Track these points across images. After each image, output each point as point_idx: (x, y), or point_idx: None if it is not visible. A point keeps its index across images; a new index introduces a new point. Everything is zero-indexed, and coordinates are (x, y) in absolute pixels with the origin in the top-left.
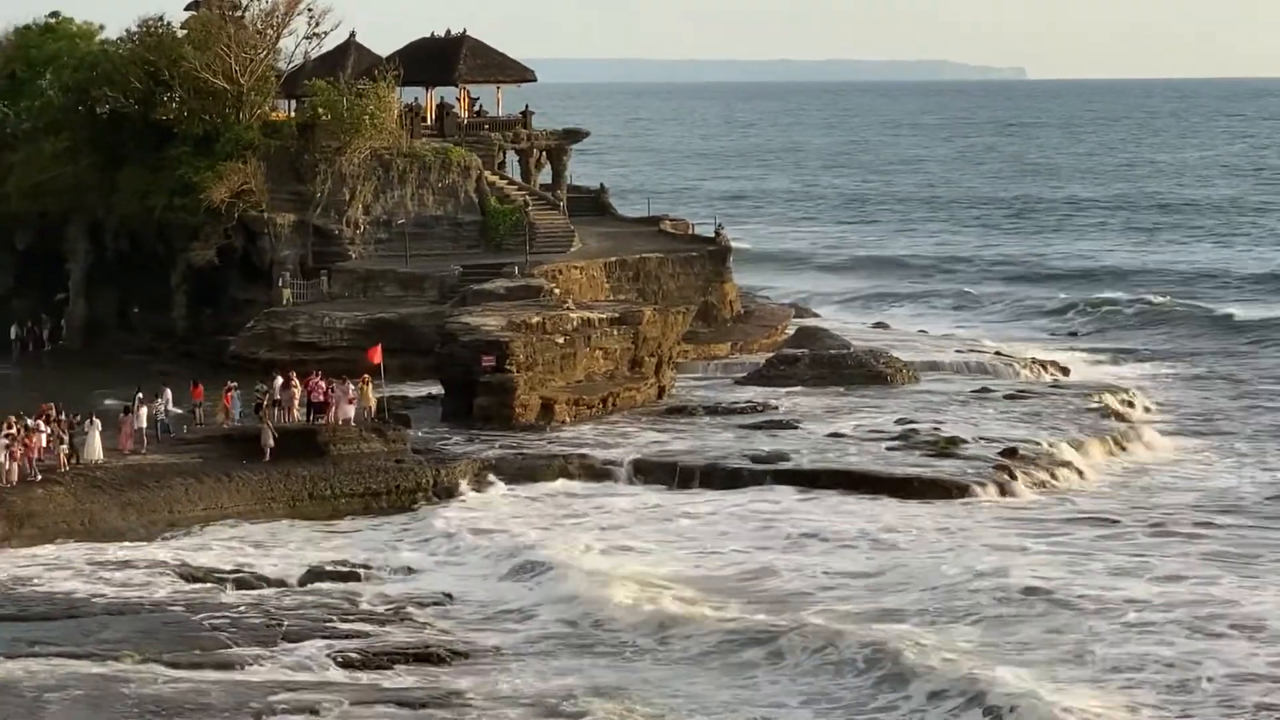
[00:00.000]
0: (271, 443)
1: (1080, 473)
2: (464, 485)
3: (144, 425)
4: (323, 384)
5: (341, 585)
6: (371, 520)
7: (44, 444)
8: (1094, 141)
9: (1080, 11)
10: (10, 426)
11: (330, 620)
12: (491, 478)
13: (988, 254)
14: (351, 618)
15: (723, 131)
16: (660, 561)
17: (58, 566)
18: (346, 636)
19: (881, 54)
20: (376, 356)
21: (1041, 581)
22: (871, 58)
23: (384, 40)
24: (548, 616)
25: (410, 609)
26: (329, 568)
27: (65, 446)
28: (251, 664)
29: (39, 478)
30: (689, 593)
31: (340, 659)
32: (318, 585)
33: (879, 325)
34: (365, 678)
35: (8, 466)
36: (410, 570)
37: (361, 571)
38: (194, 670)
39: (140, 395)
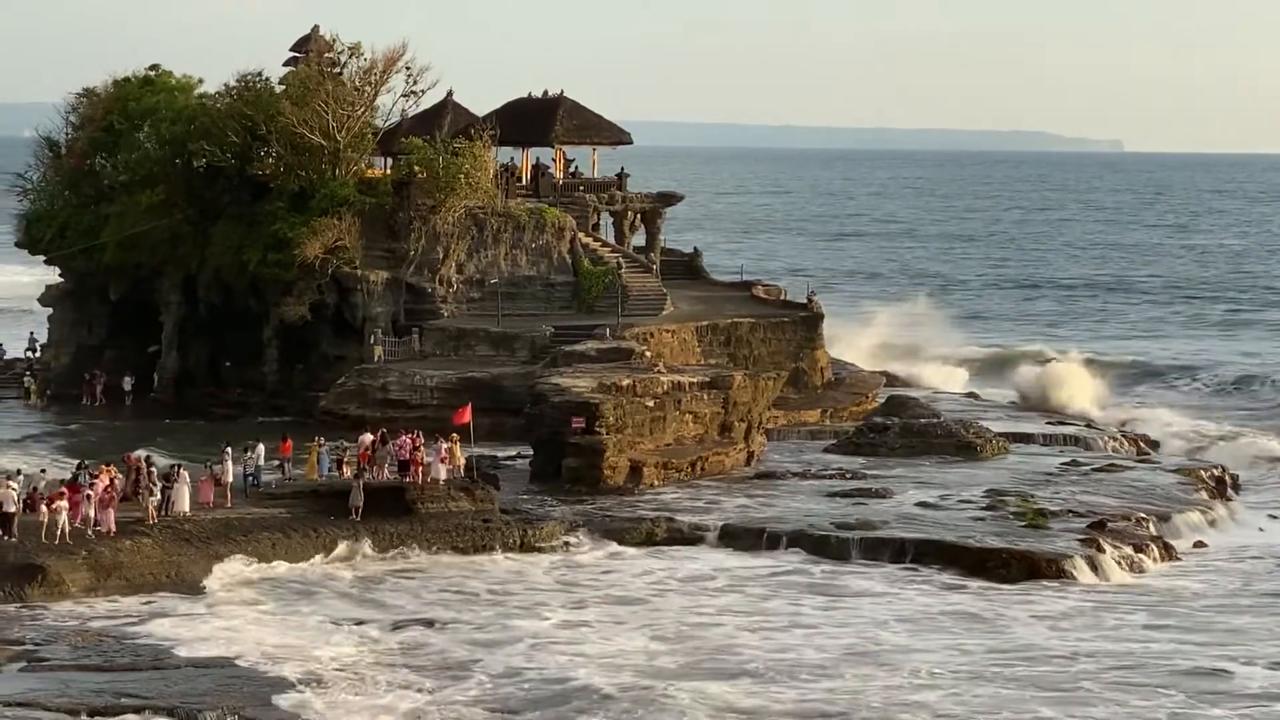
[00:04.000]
0: (360, 503)
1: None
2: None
3: (229, 479)
4: (408, 441)
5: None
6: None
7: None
8: None
9: (1177, 85)
10: (102, 475)
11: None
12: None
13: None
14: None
15: (817, 200)
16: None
17: (144, 618)
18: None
19: (978, 124)
20: (466, 417)
21: None
22: (968, 127)
23: (481, 99)
24: None
25: None
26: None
27: (155, 498)
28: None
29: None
30: None
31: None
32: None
33: (970, 395)
34: None
35: (97, 516)
36: None
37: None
38: None
39: (228, 449)
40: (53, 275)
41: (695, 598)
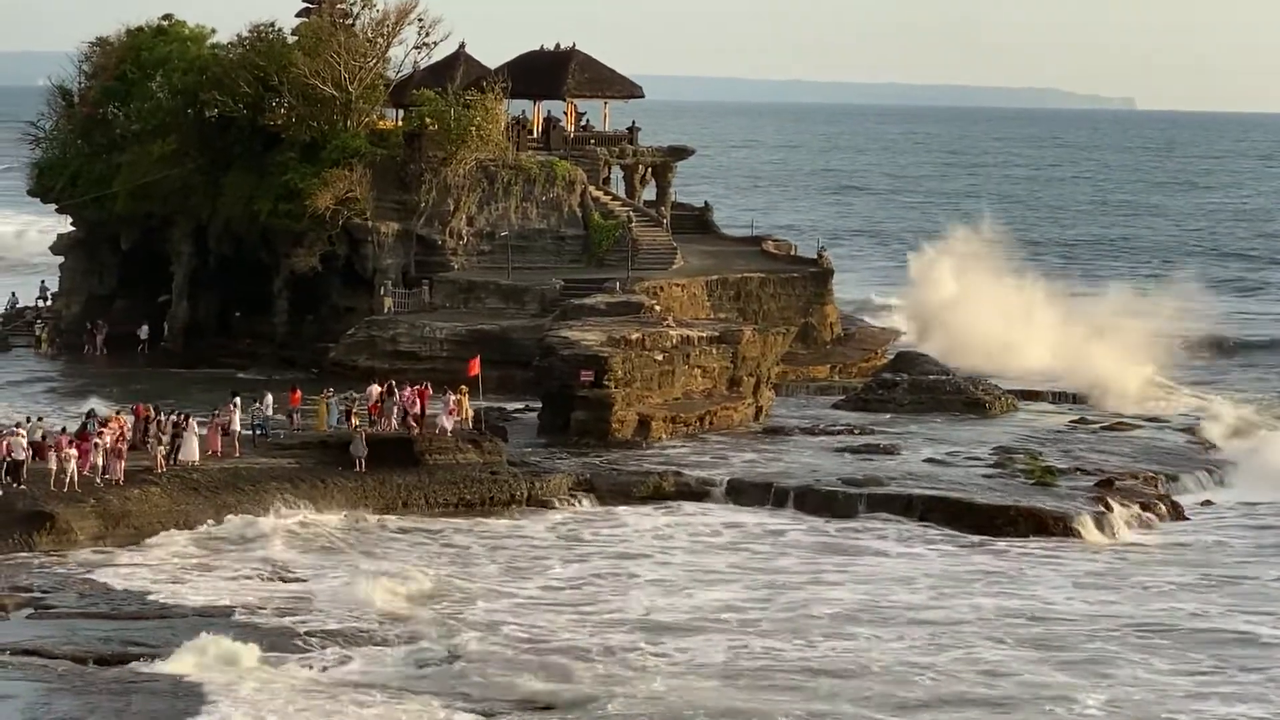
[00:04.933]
0: (363, 453)
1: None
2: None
3: (237, 429)
4: (411, 394)
5: None
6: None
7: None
8: None
9: (1191, 42)
10: (111, 424)
11: None
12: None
13: None
14: None
15: (825, 155)
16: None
17: (148, 566)
18: None
19: (989, 80)
20: (475, 369)
21: None
22: (979, 84)
23: (493, 52)
24: None
25: None
26: None
27: (163, 447)
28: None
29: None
30: None
31: None
32: None
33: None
34: None
35: (106, 465)
36: None
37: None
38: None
39: (236, 399)
40: (64, 224)
41: (701, 555)
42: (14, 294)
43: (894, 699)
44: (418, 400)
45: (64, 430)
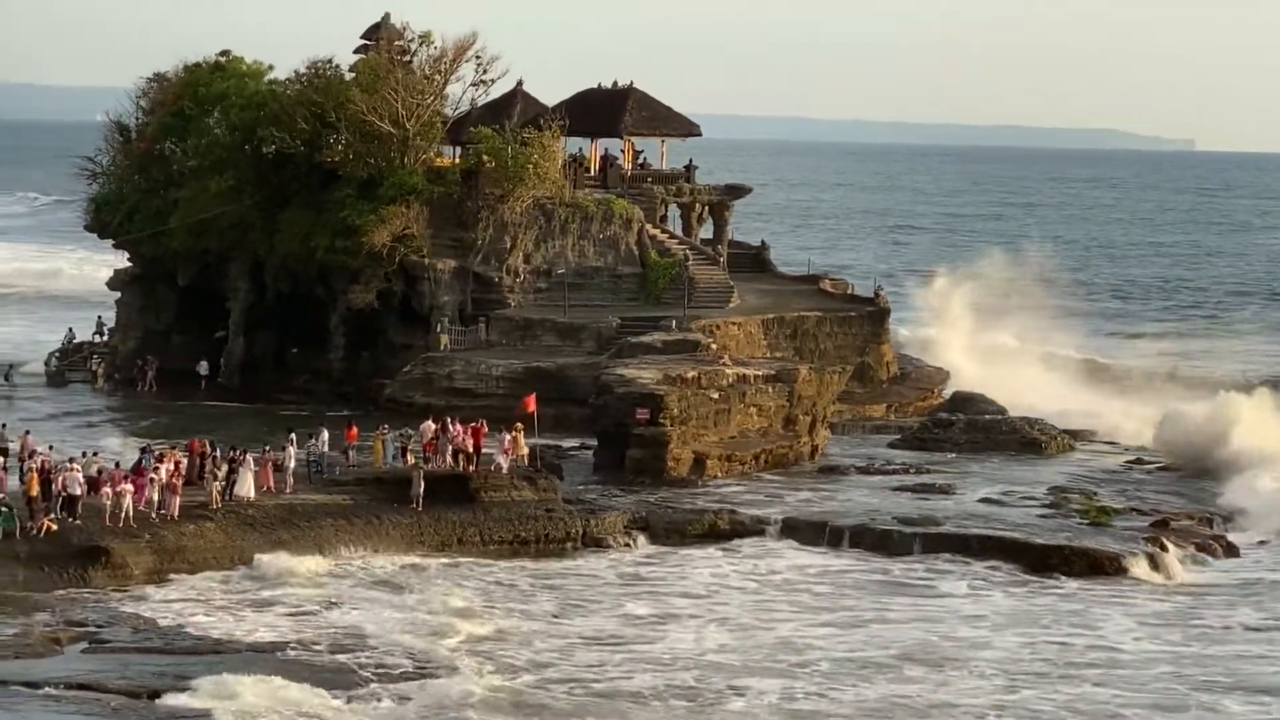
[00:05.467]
0: (420, 492)
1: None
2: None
3: (291, 465)
4: (460, 430)
5: None
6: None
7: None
8: None
9: (1249, 84)
10: (166, 459)
11: None
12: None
13: None
14: None
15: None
16: None
17: (205, 602)
18: None
19: (1050, 121)
20: (531, 406)
21: None
22: (1040, 124)
23: (551, 90)
24: None
25: None
26: None
27: (219, 483)
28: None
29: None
30: None
31: None
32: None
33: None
34: None
35: (162, 500)
36: None
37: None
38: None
39: (292, 435)
40: (121, 259)
41: (759, 595)
42: (71, 329)
43: None
44: (470, 438)
45: (117, 465)
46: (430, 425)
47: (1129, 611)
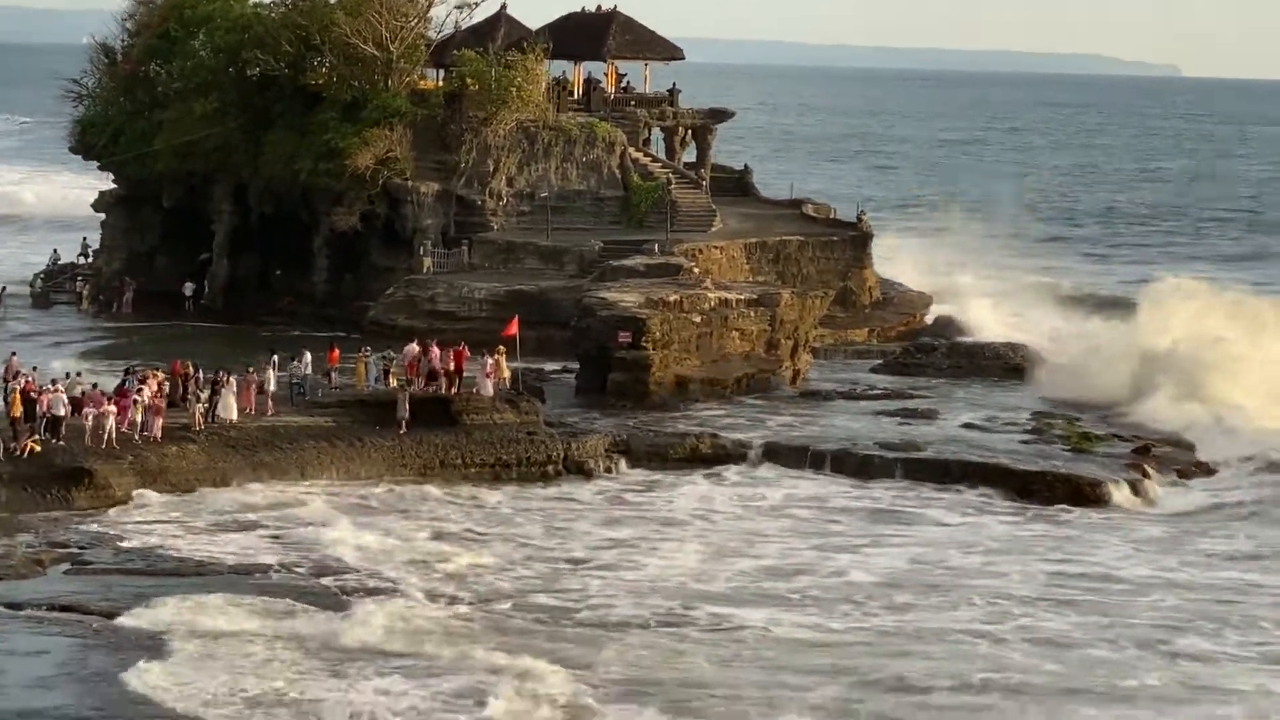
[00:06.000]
0: (406, 415)
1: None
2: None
3: (272, 387)
4: (438, 353)
5: None
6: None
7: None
8: None
9: (1234, 10)
10: (149, 381)
11: None
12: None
13: None
14: None
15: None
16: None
17: (187, 524)
18: None
19: (1035, 46)
20: (513, 330)
21: None
22: (1026, 49)
23: (534, 13)
24: None
25: None
26: None
27: (201, 405)
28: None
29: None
30: None
31: None
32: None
33: (1016, 316)
34: None
35: (144, 421)
36: None
37: None
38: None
39: (274, 357)
40: (106, 181)
41: (743, 521)
42: (55, 251)
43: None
44: (452, 360)
45: (95, 386)
46: (413, 348)
47: (1125, 538)
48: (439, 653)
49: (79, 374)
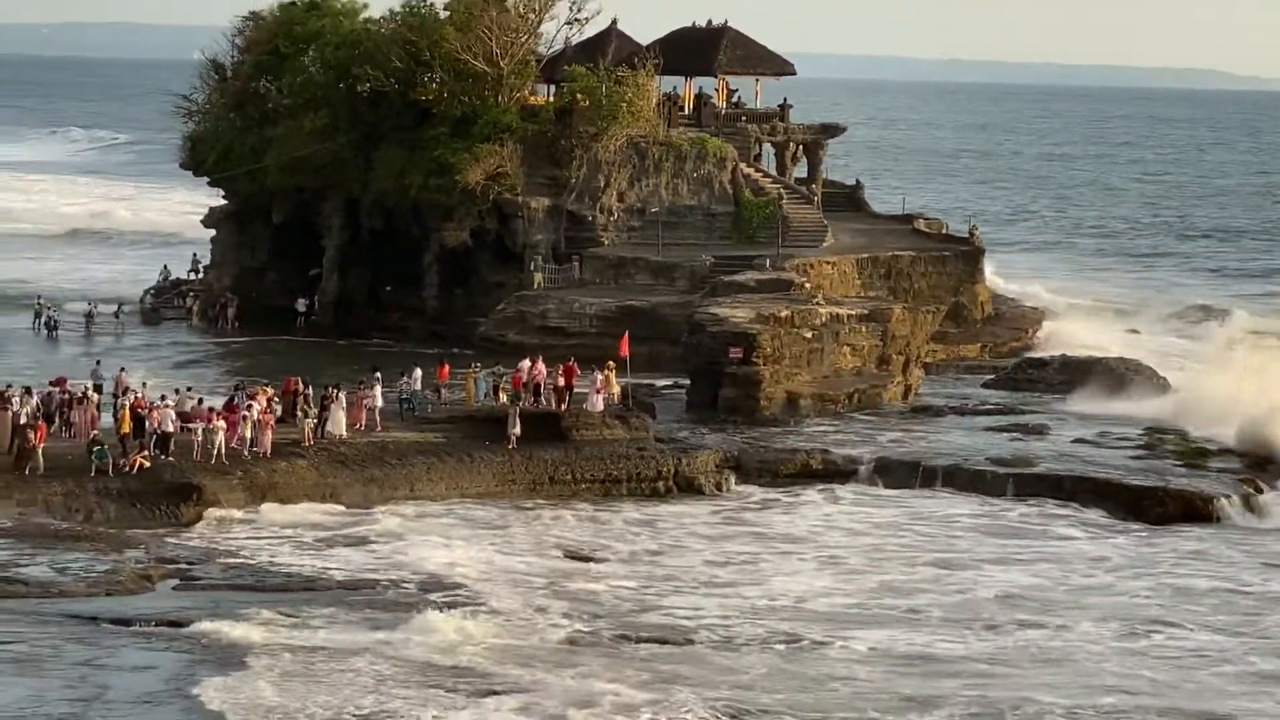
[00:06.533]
0: (517, 431)
1: None
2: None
3: (379, 404)
4: (542, 368)
5: None
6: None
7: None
8: None
9: None
10: (259, 397)
11: None
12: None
13: None
14: None
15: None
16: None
17: (296, 539)
18: None
19: (1147, 61)
20: (624, 349)
21: None
22: (1138, 64)
23: (645, 28)
24: None
25: None
26: None
27: (310, 420)
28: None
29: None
30: None
31: None
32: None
33: (1131, 331)
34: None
35: (254, 437)
36: None
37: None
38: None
39: (377, 374)
40: (216, 198)
41: (862, 537)
42: (165, 266)
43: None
44: (562, 375)
45: (200, 401)
46: (527, 364)
47: (1250, 553)
48: (544, 675)
49: (188, 389)
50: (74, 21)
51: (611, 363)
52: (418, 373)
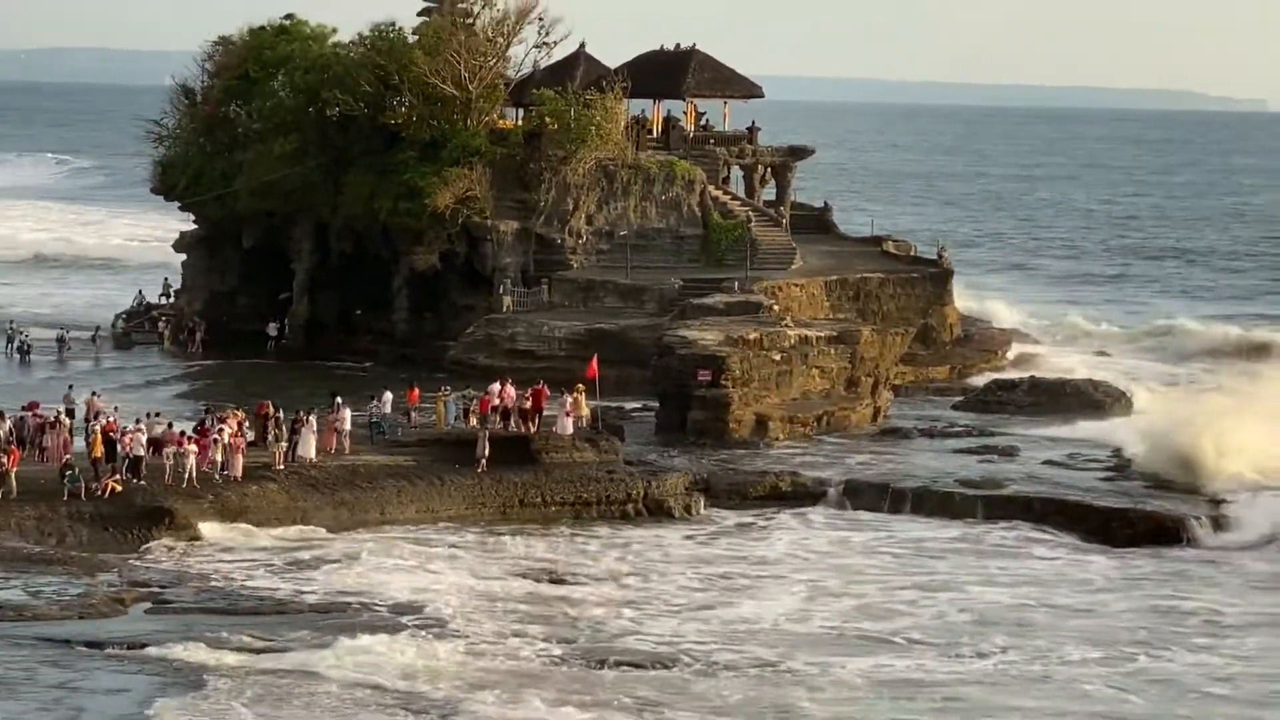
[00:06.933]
0: (485, 453)
1: None
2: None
3: (347, 427)
4: (511, 392)
5: None
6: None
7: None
8: None
9: None
10: (229, 420)
11: None
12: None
13: None
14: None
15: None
16: None
17: (268, 563)
18: None
19: (1120, 82)
20: (593, 371)
21: None
22: (1110, 85)
23: (613, 52)
24: None
25: None
26: None
27: (282, 444)
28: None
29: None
30: None
31: None
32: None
33: (1100, 354)
34: None
35: (223, 460)
36: None
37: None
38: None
39: (339, 399)
40: (187, 222)
41: (837, 559)
42: (140, 292)
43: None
44: (530, 398)
45: (170, 425)
46: (496, 387)
47: (1230, 574)
48: (517, 699)
49: (157, 413)
50: (51, 46)
51: (581, 385)
52: (388, 396)
